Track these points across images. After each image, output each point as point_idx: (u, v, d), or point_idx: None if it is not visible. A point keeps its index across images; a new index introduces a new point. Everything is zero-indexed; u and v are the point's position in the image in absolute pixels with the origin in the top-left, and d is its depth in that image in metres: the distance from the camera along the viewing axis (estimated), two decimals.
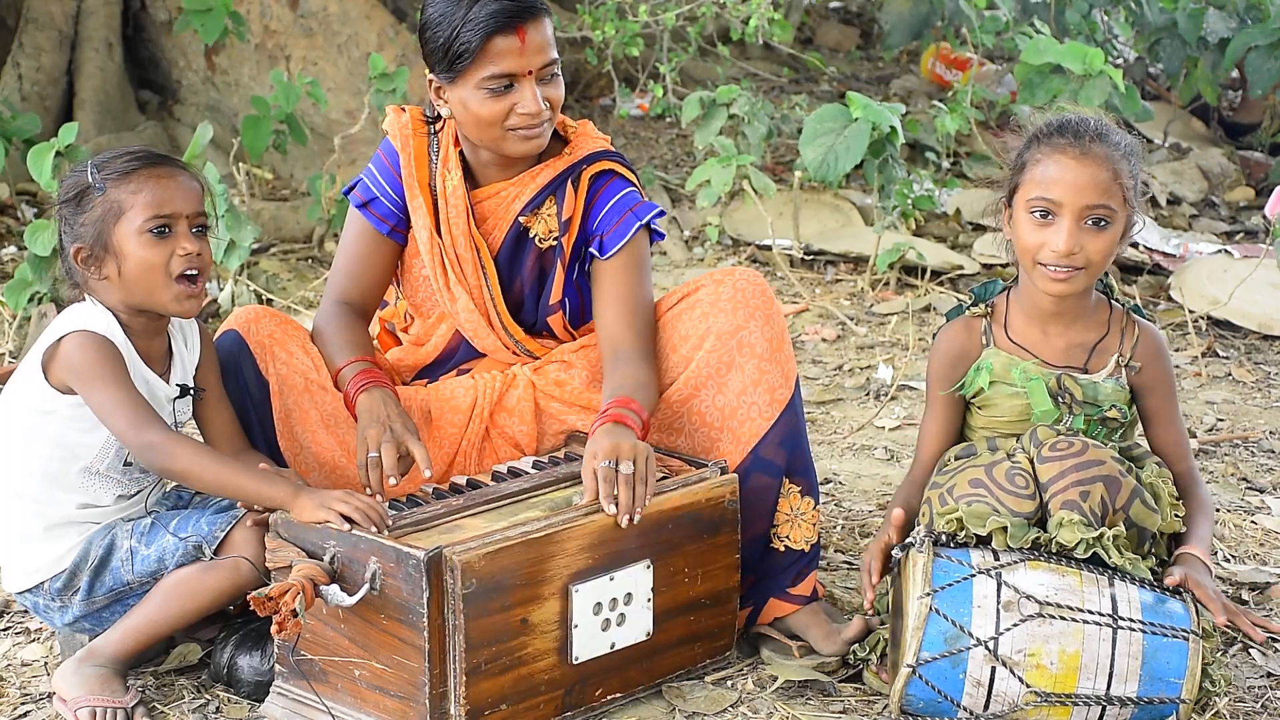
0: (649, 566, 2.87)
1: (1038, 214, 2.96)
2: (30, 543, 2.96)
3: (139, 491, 3.02)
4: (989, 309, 3.12)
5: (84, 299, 2.95)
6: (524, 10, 2.99)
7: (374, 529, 2.74)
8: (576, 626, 2.80)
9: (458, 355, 3.26)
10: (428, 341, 3.27)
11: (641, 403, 2.95)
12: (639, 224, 3.14)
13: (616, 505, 2.79)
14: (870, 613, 2.97)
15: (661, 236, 3.26)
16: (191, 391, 3.00)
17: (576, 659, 2.82)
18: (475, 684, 2.70)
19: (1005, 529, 2.84)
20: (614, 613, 2.85)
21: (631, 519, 2.79)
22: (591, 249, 3.16)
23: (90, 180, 2.90)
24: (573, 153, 3.18)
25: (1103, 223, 2.94)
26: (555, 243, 3.19)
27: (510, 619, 2.72)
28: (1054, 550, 2.83)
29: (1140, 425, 3.15)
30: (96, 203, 2.89)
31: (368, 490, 2.92)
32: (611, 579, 2.83)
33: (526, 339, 3.22)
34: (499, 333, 3.20)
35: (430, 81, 3.10)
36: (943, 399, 3.12)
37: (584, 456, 2.89)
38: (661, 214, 3.20)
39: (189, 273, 2.92)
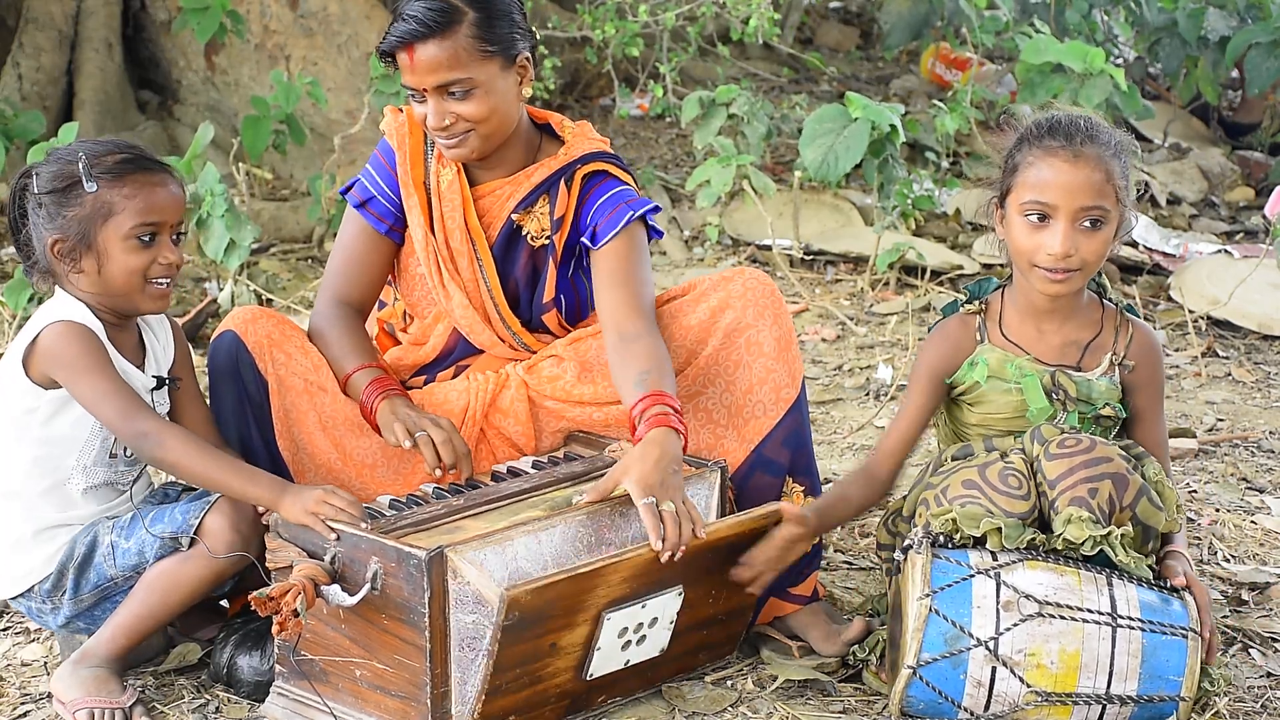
0: (680, 594, 2.85)
1: (1032, 217, 2.95)
2: (21, 547, 2.96)
3: (126, 486, 3.02)
4: (983, 306, 3.12)
5: (53, 293, 2.96)
6: (413, 32, 2.99)
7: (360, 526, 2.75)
8: (599, 649, 2.78)
9: (455, 353, 3.26)
10: (426, 341, 3.27)
11: (670, 391, 2.93)
12: (632, 214, 3.13)
13: (663, 541, 2.73)
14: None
15: (660, 234, 3.26)
16: (168, 383, 3.01)
17: (591, 676, 2.81)
18: (493, 701, 2.69)
19: (999, 530, 2.84)
20: (636, 635, 2.83)
21: (673, 556, 2.74)
22: (584, 239, 3.16)
23: (81, 175, 2.89)
24: (568, 153, 3.19)
25: (1097, 223, 2.94)
26: (548, 241, 3.19)
27: (541, 645, 2.70)
28: (1059, 548, 2.83)
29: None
30: (86, 200, 2.89)
31: (436, 473, 2.95)
32: (643, 606, 2.80)
33: (523, 332, 3.22)
34: (496, 327, 3.20)
35: None
36: (924, 393, 3.09)
37: (621, 460, 2.85)
38: (657, 209, 3.19)
39: (163, 278, 2.94)
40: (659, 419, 2.86)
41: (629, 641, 2.82)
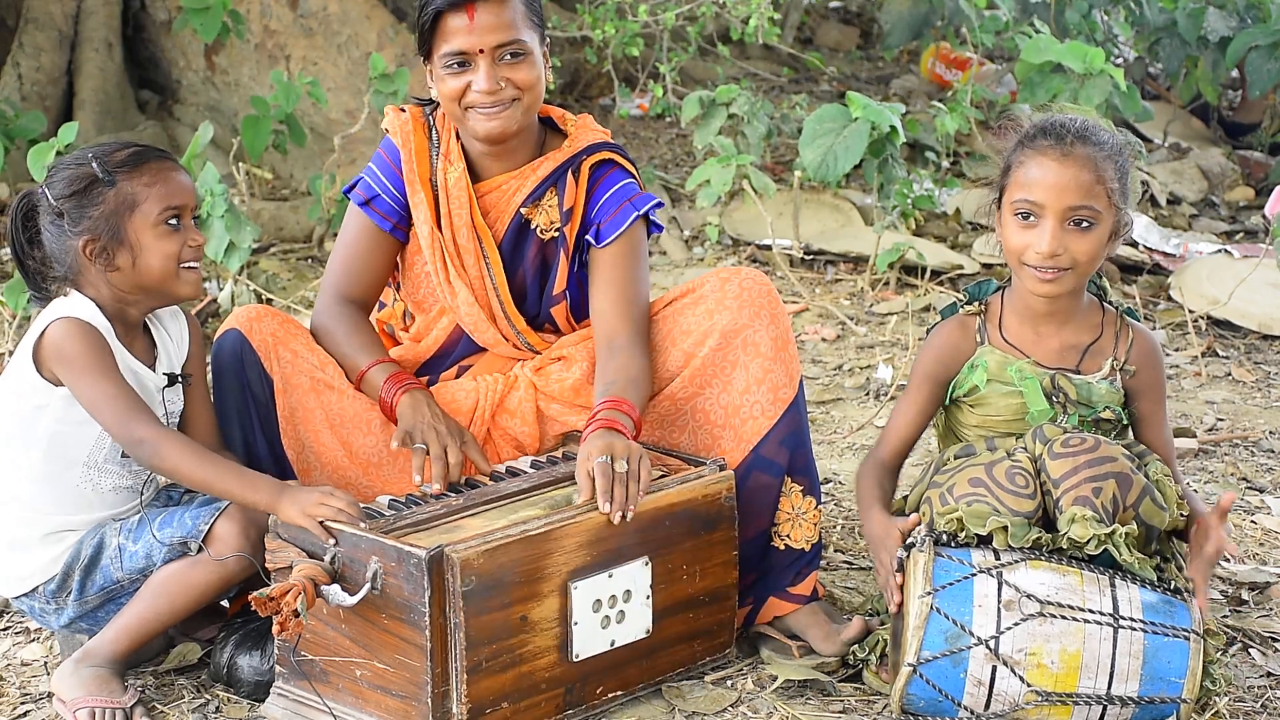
0: (647, 563, 2.88)
1: (1021, 216, 2.96)
2: (26, 547, 2.96)
3: (139, 487, 3.01)
4: (983, 308, 3.12)
5: (66, 294, 2.95)
6: None
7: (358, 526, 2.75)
8: (576, 624, 2.80)
9: (457, 350, 3.26)
10: (427, 336, 3.27)
11: (634, 401, 2.96)
12: (636, 214, 3.15)
13: (610, 502, 2.80)
14: (895, 610, 2.94)
15: (660, 229, 3.27)
16: (180, 380, 3.01)
17: (577, 656, 2.82)
18: (476, 682, 2.70)
19: (1006, 529, 2.84)
20: (613, 610, 2.86)
21: (624, 516, 2.81)
22: (588, 237, 3.17)
23: (97, 173, 2.90)
24: (573, 144, 3.20)
25: (1086, 224, 2.95)
26: (557, 233, 3.20)
27: (510, 616, 2.73)
28: (1063, 547, 2.83)
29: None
30: (107, 196, 2.90)
31: (421, 488, 2.96)
32: (610, 576, 2.84)
33: (528, 331, 3.22)
34: (501, 325, 3.21)
35: (424, 63, 3.16)
36: (922, 394, 3.10)
37: (578, 458, 2.90)
38: (660, 205, 3.21)
39: (193, 261, 2.97)
40: (602, 422, 2.91)
41: (607, 617, 2.84)
